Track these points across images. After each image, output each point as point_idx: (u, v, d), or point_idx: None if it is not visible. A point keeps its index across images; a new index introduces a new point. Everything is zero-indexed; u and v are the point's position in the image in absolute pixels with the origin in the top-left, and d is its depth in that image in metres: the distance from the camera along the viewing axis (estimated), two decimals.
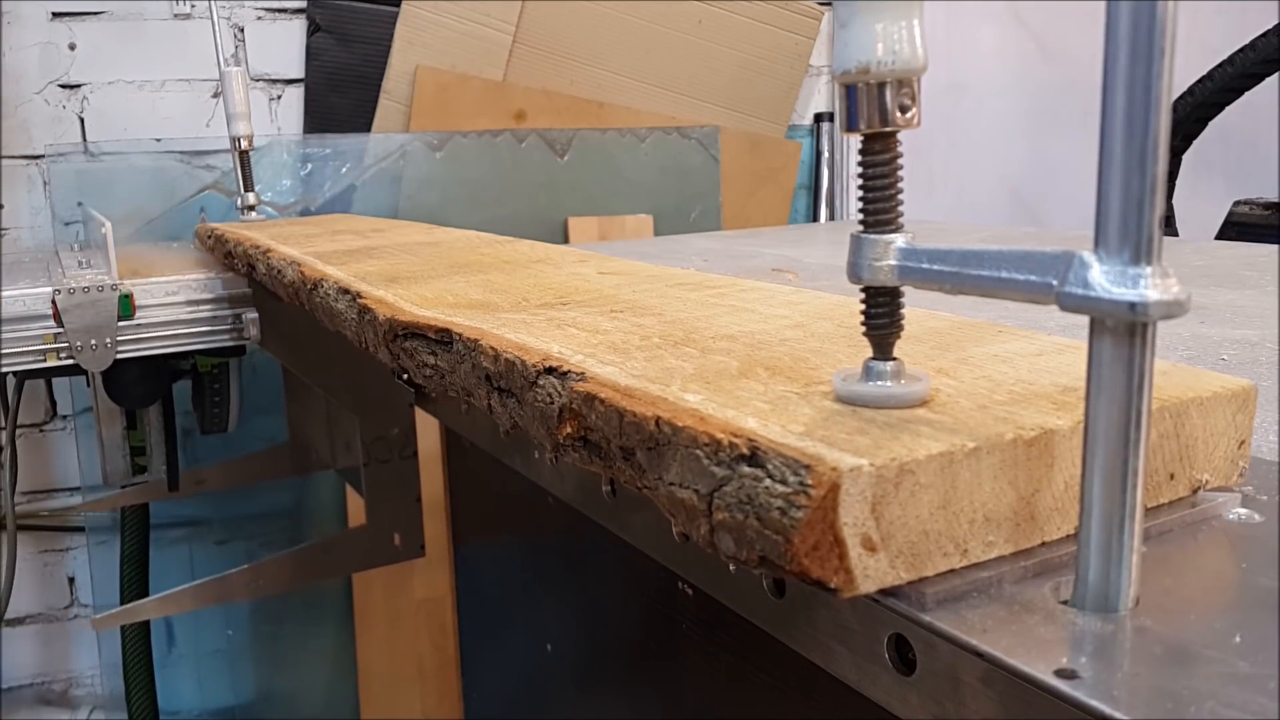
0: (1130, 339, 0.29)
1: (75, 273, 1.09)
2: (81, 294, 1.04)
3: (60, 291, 1.03)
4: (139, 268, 1.15)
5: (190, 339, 1.11)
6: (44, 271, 1.16)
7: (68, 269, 1.12)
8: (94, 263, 1.14)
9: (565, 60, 1.76)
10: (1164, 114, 0.27)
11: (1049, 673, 0.28)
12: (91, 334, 1.04)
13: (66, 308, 1.03)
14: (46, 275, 1.12)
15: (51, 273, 1.13)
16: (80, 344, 1.04)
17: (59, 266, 1.16)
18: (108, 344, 1.05)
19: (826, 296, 0.58)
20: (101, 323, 1.04)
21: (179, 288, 1.10)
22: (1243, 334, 0.71)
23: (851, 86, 0.34)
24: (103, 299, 1.04)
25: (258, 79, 1.67)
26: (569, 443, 0.41)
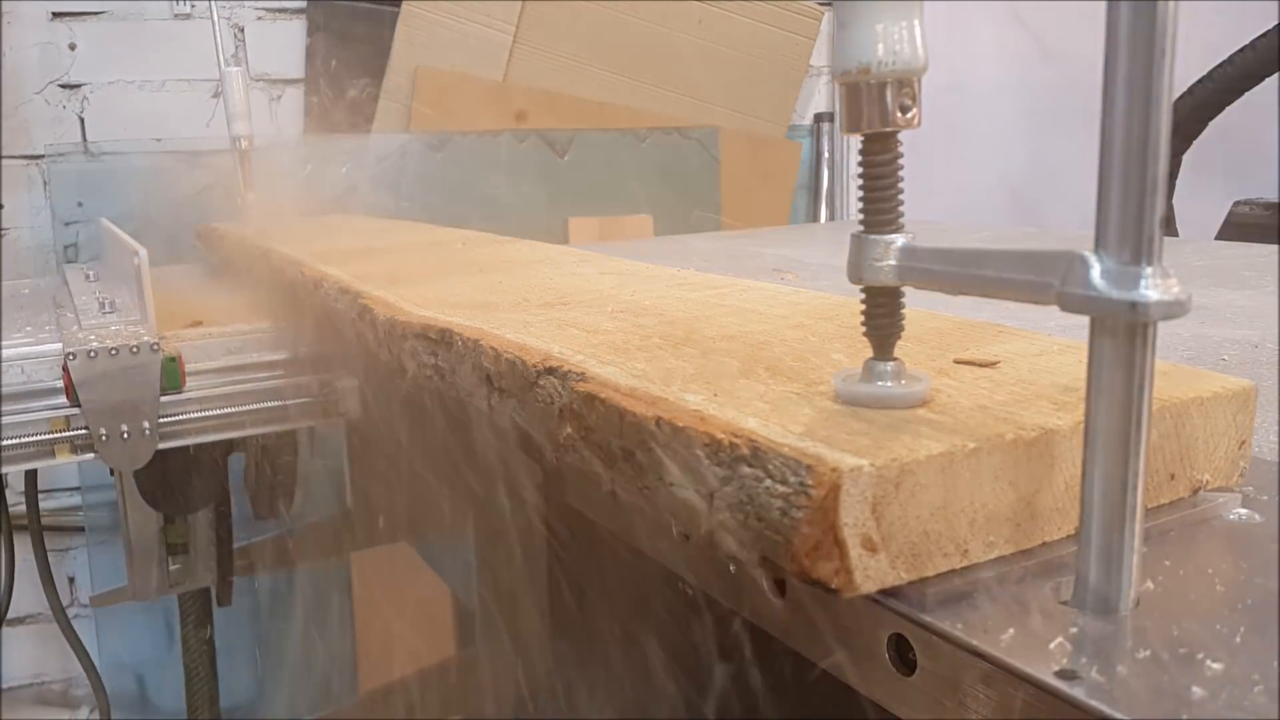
0: (1131, 339, 0.29)
1: (95, 320, 0.80)
2: (108, 357, 0.71)
3: (75, 355, 0.70)
4: (179, 309, 0.89)
5: (261, 419, 0.79)
6: (48, 311, 0.90)
7: (83, 312, 0.84)
8: (120, 305, 0.84)
9: (565, 60, 1.76)
10: (1164, 114, 0.27)
11: (1049, 673, 0.28)
12: (122, 416, 0.73)
13: (86, 378, 0.71)
14: (52, 320, 0.84)
15: (60, 318, 0.84)
16: (105, 431, 0.72)
17: (69, 306, 0.89)
18: (145, 431, 0.73)
19: (827, 297, 0.58)
20: (137, 399, 0.73)
21: (244, 343, 0.80)
22: (1243, 334, 0.71)
23: (852, 87, 0.34)
24: (138, 364, 0.72)
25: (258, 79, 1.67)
26: (569, 443, 0.41)
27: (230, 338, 0.80)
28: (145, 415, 0.74)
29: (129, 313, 0.82)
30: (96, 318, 0.82)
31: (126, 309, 0.83)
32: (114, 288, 0.95)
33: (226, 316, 0.88)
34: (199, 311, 0.89)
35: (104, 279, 1.03)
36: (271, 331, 0.82)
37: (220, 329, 0.82)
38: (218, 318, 0.87)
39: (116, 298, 0.88)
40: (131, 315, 0.82)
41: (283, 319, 0.82)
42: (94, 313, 0.83)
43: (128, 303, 0.85)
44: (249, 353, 0.81)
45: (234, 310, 0.90)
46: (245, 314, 0.88)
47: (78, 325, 0.79)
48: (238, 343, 0.80)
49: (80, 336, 0.75)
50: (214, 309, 0.91)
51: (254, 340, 0.81)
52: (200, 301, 0.97)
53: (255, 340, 0.81)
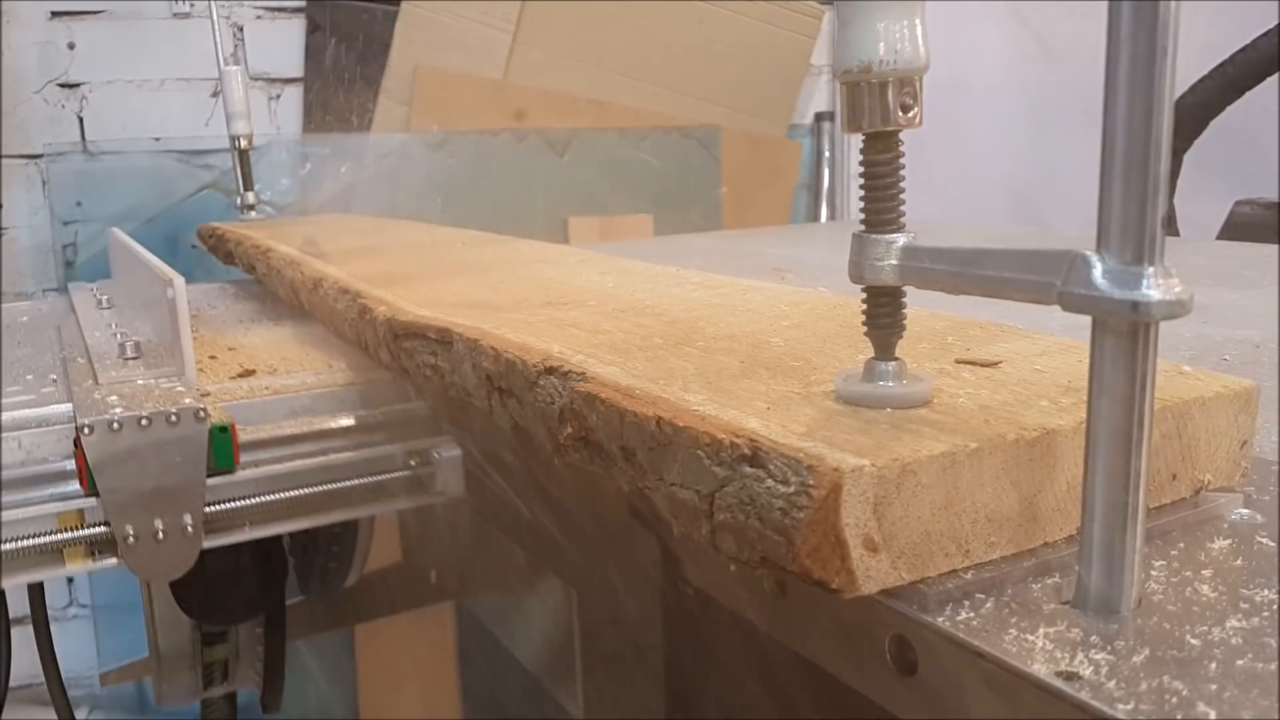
0: (1133, 339, 0.28)
1: (115, 370, 0.60)
2: (136, 429, 0.51)
3: (92, 428, 0.51)
4: (219, 349, 0.71)
5: (336, 503, 0.59)
6: (51, 349, 0.71)
7: (99, 357, 0.64)
8: (147, 347, 0.65)
9: (565, 59, 1.76)
10: (1166, 114, 0.27)
11: (1051, 674, 0.27)
12: (156, 508, 0.53)
13: (107, 458, 0.52)
14: (59, 366, 0.66)
15: (69, 364, 0.64)
16: (133, 530, 0.52)
17: (80, 345, 0.69)
18: (187, 528, 0.53)
19: (828, 296, 0.57)
20: (176, 485, 0.53)
21: (313, 400, 0.61)
22: (1245, 334, 0.71)
23: (853, 86, 0.34)
24: (178, 438, 0.52)
25: (257, 78, 1.67)
26: (570, 443, 0.41)
27: (294, 393, 0.61)
28: (187, 506, 0.53)
29: (158, 360, 0.62)
30: (116, 367, 0.61)
31: (155, 354, 0.63)
32: (134, 320, 0.76)
33: (269, 353, 0.69)
34: (243, 352, 0.71)
35: (119, 305, 0.84)
36: (347, 381, 0.63)
37: (279, 380, 0.63)
38: (261, 354, 0.69)
39: (139, 334, 0.69)
40: (162, 364, 0.61)
41: (356, 362, 0.67)
42: (113, 358, 0.63)
43: (155, 344, 0.66)
44: (320, 413, 0.60)
45: (283, 346, 0.73)
46: (300, 352, 0.70)
47: (93, 377, 0.59)
48: (305, 399, 0.60)
49: (98, 398, 0.54)
50: (261, 346, 0.74)
51: (326, 396, 0.61)
52: (236, 334, 0.80)
53: (328, 397, 0.61)
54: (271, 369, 0.66)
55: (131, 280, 0.83)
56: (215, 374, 0.65)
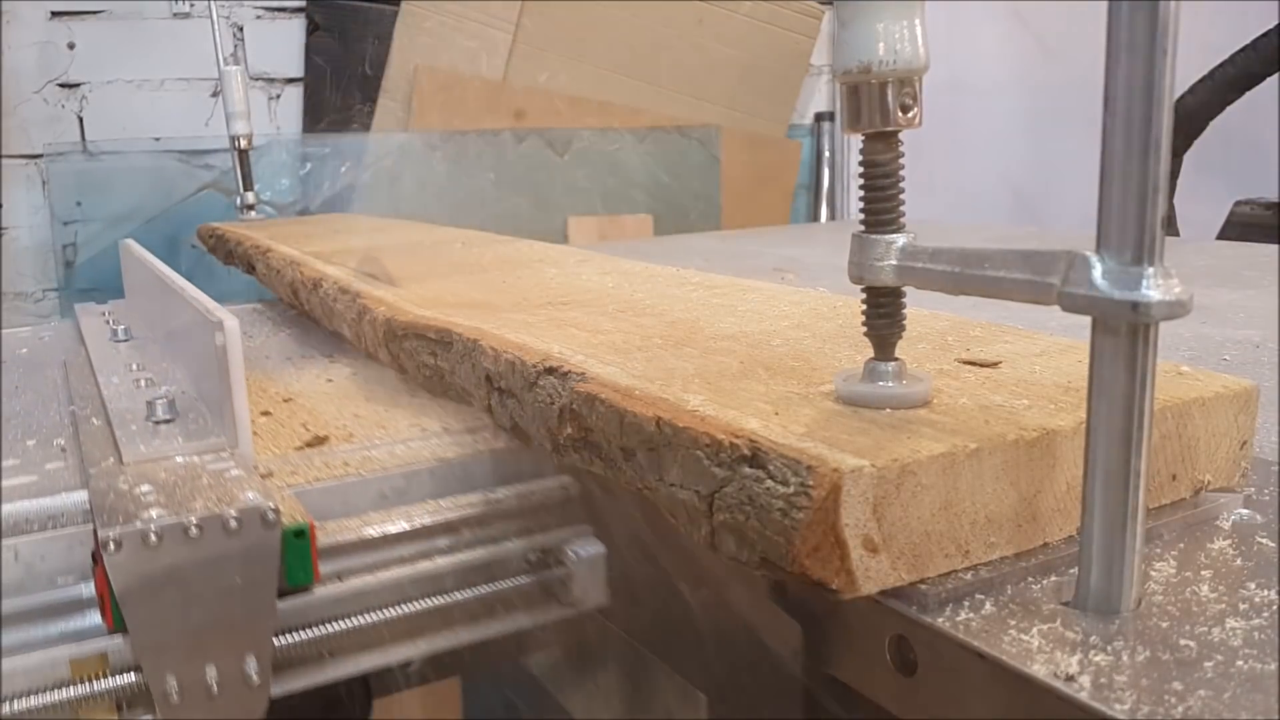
0: (1132, 339, 0.28)
1: (143, 439, 0.45)
2: (182, 541, 0.37)
3: (119, 542, 0.36)
4: (271, 399, 0.56)
5: (440, 621, 0.44)
6: (57, 402, 0.57)
7: (121, 418, 0.48)
8: (183, 404, 0.49)
9: (565, 59, 1.76)
10: (1166, 114, 0.27)
11: (1050, 674, 0.27)
12: (208, 649, 0.39)
13: (137, 585, 0.37)
14: (67, 429, 0.51)
15: (82, 427, 0.49)
16: (177, 684, 0.38)
17: (94, 397, 0.54)
18: (251, 674, 0.39)
19: (828, 296, 0.57)
20: (238, 615, 0.39)
21: (409, 480, 0.46)
22: (1245, 334, 0.71)
23: (853, 86, 0.34)
24: (239, 550, 0.38)
25: (257, 78, 1.67)
26: (569, 443, 0.41)
27: (382, 470, 0.45)
28: (251, 644, 0.39)
29: (201, 425, 0.47)
30: (145, 434, 0.46)
31: (195, 416, 0.48)
32: (161, 361, 0.61)
33: (336, 407, 0.54)
34: (301, 405, 0.55)
35: (139, 337, 0.69)
36: (447, 452, 0.47)
37: (359, 450, 0.47)
38: (325, 409, 0.53)
39: (169, 379, 0.55)
40: (206, 431, 0.46)
41: (448, 420, 0.52)
42: (139, 420, 0.47)
43: (193, 399, 0.51)
44: (417, 497, 0.45)
45: (350, 398, 0.56)
46: (375, 408, 0.54)
47: (114, 450, 0.44)
48: (397, 479, 0.45)
49: (124, 488, 0.39)
50: (322, 397, 0.57)
51: (423, 475, 0.45)
52: (287, 378, 0.63)
53: (426, 475, 0.45)
54: (346, 433, 0.50)
55: (153, 305, 0.70)
56: (274, 441, 0.49)
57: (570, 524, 0.46)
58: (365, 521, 0.43)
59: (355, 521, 0.43)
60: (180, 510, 0.38)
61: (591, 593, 0.45)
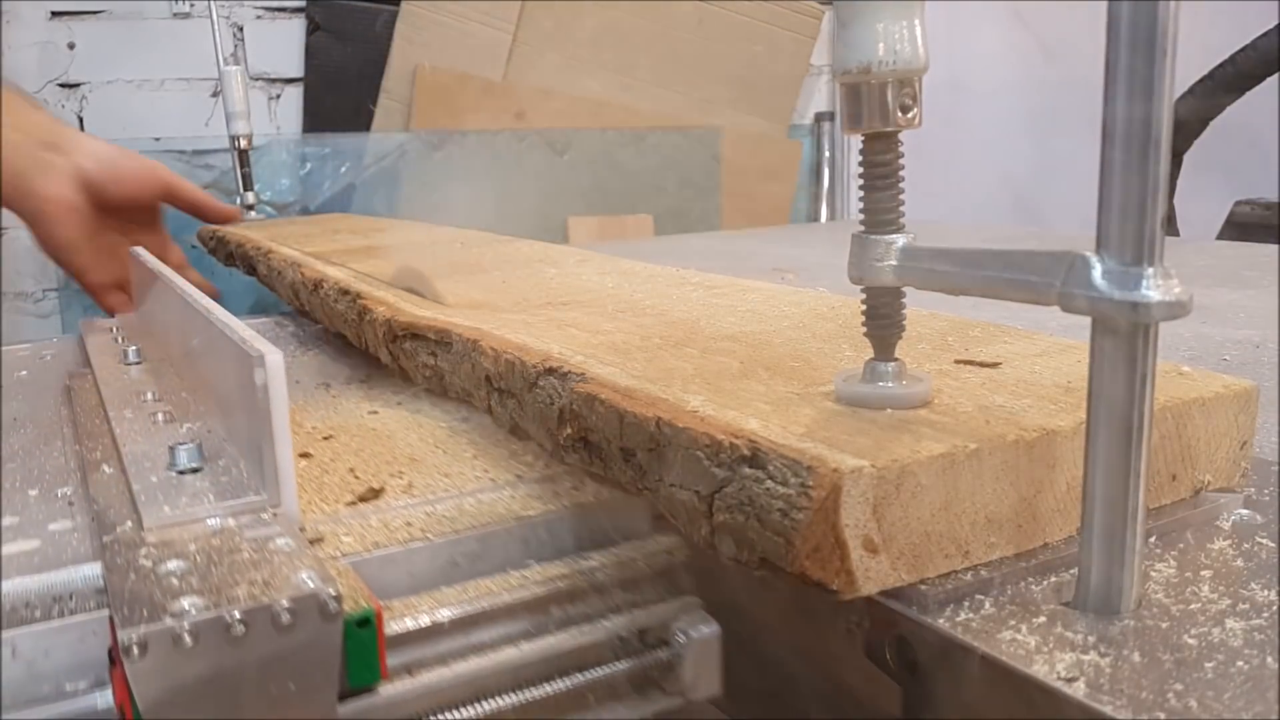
0: (1132, 340, 0.28)
1: (171, 506, 0.36)
2: (219, 640, 0.28)
3: (140, 646, 0.27)
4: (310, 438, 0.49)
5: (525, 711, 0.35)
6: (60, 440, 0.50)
7: (140, 466, 0.40)
8: (211, 448, 0.41)
9: (565, 59, 1.76)
10: (1166, 114, 0.27)
11: (1051, 675, 0.27)
12: None
13: (167, 697, 0.28)
14: (73, 477, 0.44)
15: (92, 476, 0.41)
16: None
17: (104, 435, 0.46)
18: None
19: (828, 296, 0.57)
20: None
21: (484, 544, 0.38)
22: (1245, 334, 0.71)
23: (852, 86, 0.34)
24: (293, 649, 0.30)
25: (257, 78, 1.67)
26: (569, 444, 0.41)
27: (452, 531, 0.38)
28: None
29: (235, 477, 0.38)
30: (168, 488, 0.38)
31: (227, 463, 0.40)
32: (180, 389, 0.52)
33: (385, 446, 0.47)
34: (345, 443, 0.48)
35: (152, 359, 0.62)
36: (524, 507, 0.40)
37: (421, 504, 0.40)
38: (374, 449, 0.47)
39: (191, 414, 0.47)
40: (242, 485, 0.38)
41: (517, 464, 0.44)
42: (159, 468, 0.40)
43: (222, 440, 0.43)
44: (493, 565, 0.38)
45: (401, 434, 0.50)
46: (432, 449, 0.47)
47: (131, 511, 0.37)
48: (470, 543, 0.38)
49: (145, 564, 0.32)
50: (368, 434, 0.50)
51: (500, 537, 0.38)
52: (325, 409, 0.55)
53: (503, 537, 0.38)
54: (403, 481, 0.42)
55: (168, 322, 0.62)
56: (319, 492, 0.41)
57: (677, 596, 0.38)
58: (437, 600, 0.35)
59: (426, 600, 0.35)
60: (219, 599, 0.29)
61: (703, 680, 0.37)
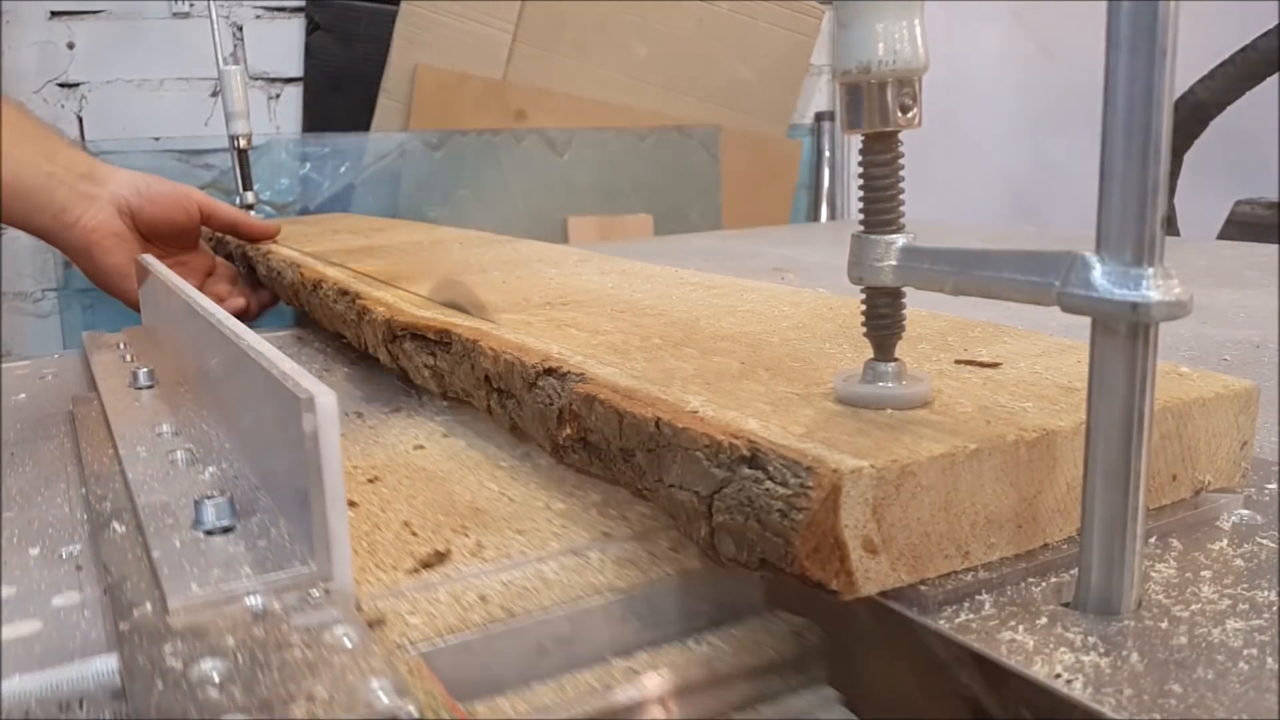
0: (1132, 340, 0.28)
1: (201, 585, 0.29)
2: None
3: None
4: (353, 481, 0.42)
5: None
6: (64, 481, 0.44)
7: (160, 524, 0.34)
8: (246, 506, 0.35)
9: (565, 59, 1.76)
10: (1165, 114, 0.27)
11: (1050, 675, 0.27)
12: None
13: None
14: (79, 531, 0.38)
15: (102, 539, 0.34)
16: None
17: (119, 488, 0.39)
18: None
19: (827, 297, 0.57)
20: None
21: (575, 623, 0.31)
22: (1245, 334, 0.71)
23: (852, 86, 0.34)
24: None
25: (256, 78, 1.67)
26: (568, 444, 0.41)
27: (538, 608, 0.32)
28: None
29: (274, 540, 0.33)
30: (194, 553, 0.32)
31: (266, 522, 0.34)
32: (202, 422, 0.47)
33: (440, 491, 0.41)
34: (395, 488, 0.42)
35: (165, 381, 0.56)
36: (628, 570, 0.34)
37: (494, 572, 0.34)
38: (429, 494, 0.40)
39: (215, 455, 0.41)
40: (284, 552, 0.32)
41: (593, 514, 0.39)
42: (183, 527, 0.34)
43: (255, 490, 0.37)
44: (586, 648, 0.31)
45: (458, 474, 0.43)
46: (497, 499, 0.40)
47: (152, 587, 0.30)
48: (559, 621, 0.31)
49: (174, 668, 0.25)
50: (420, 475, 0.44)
51: (594, 615, 0.32)
52: (366, 443, 0.49)
53: (598, 615, 0.32)
54: (469, 540, 0.36)
55: (183, 339, 0.55)
56: (373, 554, 0.34)
57: (809, 686, 0.32)
58: (530, 704, 0.28)
59: (516, 703, 0.28)
60: (266, 714, 0.23)
61: None
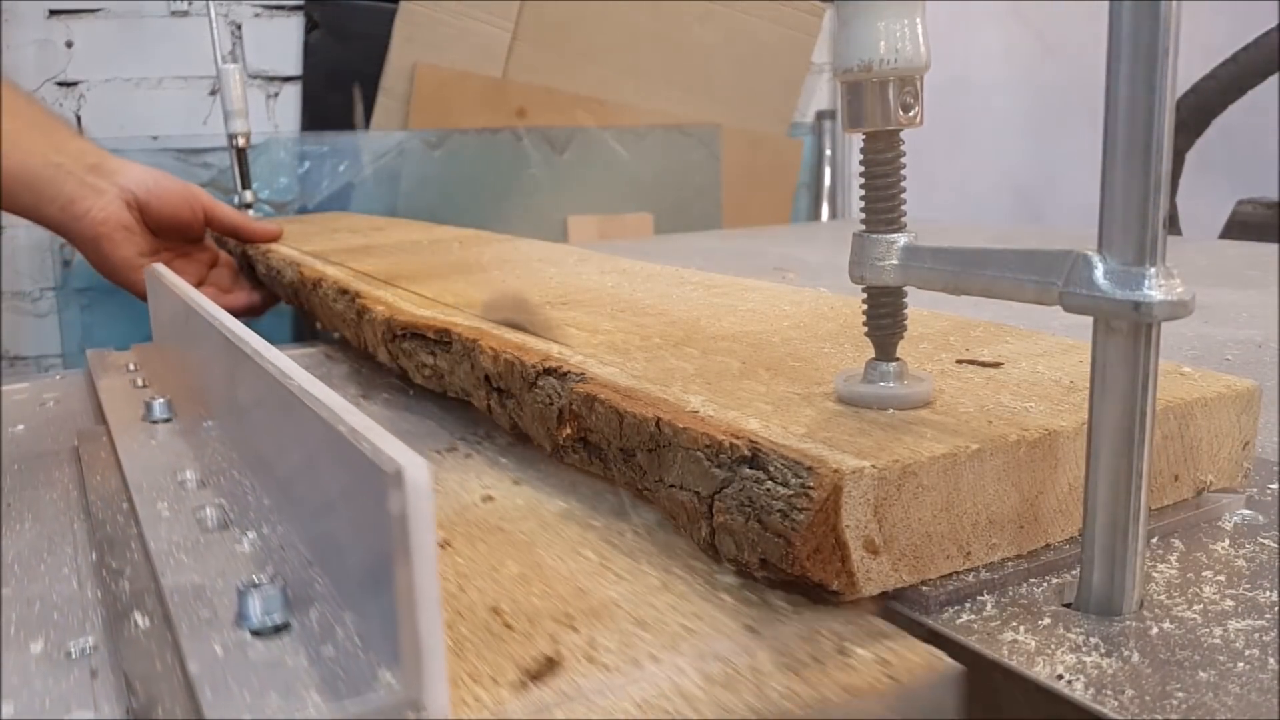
0: (1134, 340, 0.28)
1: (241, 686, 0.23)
2: None
3: None
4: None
5: None
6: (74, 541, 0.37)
7: (194, 635, 0.26)
8: (300, 594, 0.28)
9: (565, 57, 1.75)
10: (1167, 114, 0.27)
11: (1051, 676, 0.27)
12: None
13: None
14: (98, 637, 0.29)
15: (120, 630, 0.28)
16: None
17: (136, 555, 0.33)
18: None
19: (829, 296, 0.57)
20: None
21: None
22: (1247, 334, 0.71)
23: (854, 85, 0.34)
24: None
25: (255, 76, 1.66)
26: (569, 444, 0.41)
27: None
28: None
29: (339, 641, 0.26)
30: (242, 674, 0.24)
31: (322, 612, 0.27)
32: (227, 466, 0.41)
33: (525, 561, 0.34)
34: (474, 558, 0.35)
35: (181, 411, 0.50)
36: (795, 679, 0.26)
37: (625, 685, 0.26)
38: (514, 566, 0.34)
39: (252, 517, 0.35)
40: (354, 662, 0.25)
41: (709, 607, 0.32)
42: (224, 625, 0.27)
43: (308, 571, 0.31)
44: None
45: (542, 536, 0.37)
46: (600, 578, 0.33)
47: (188, 711, 0.24)
48: None
49: None
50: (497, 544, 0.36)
51: None
52: None
53: None
54: (579, 637, 0.29)
55: (205, 364, 0.47)
56: (462, 657, 0.28)
57: None
58: None
59: None
60: None
61: None
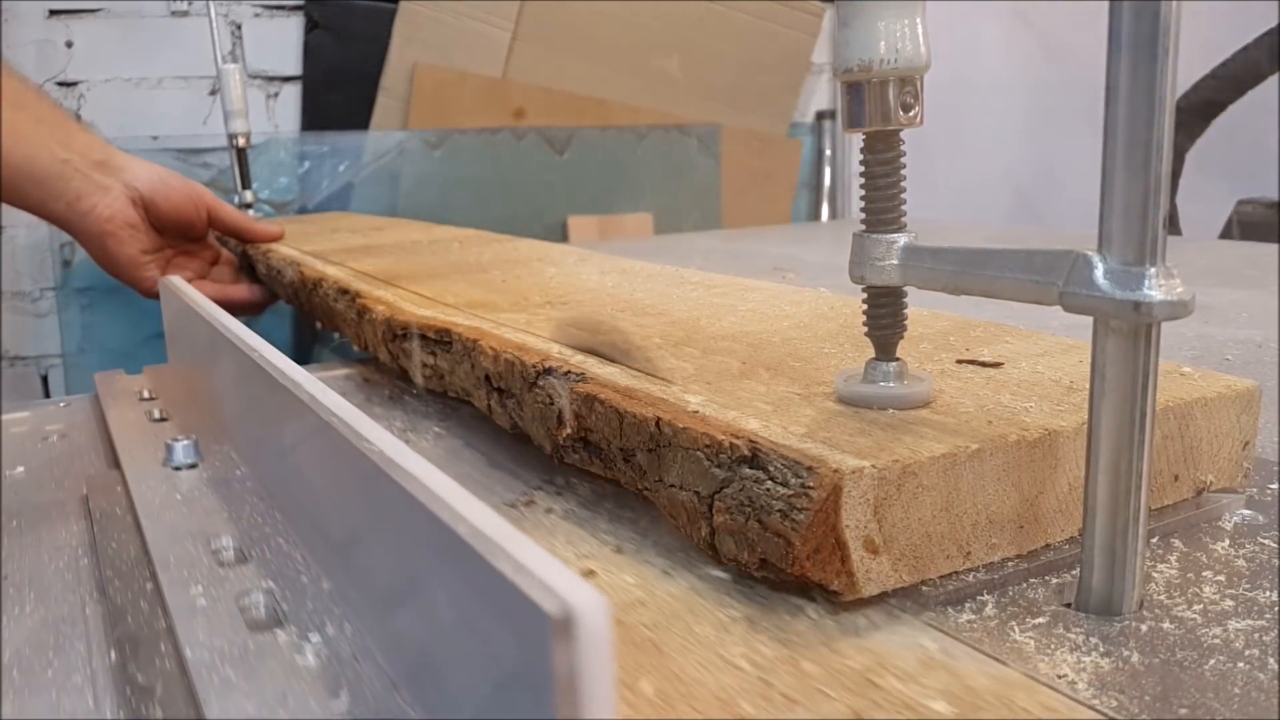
0: (1135, 340, 0.28)
1: None
2: None
3: None
4: None
5: None
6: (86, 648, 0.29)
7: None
8: None
9: (565, 57, 1.75)
10: (1167, 114, 0.27)
11: (1052, 676, 0.27)
12: None
13: None
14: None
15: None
16: None
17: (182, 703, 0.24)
18: None
19: (829, 296, 0.57)
20: None
21: None
22: (1247, 334, 0.71)
23: (854, 85, 0.34)
24: None
25: (255, 76, 1.66)
26: (569, 444, 0.41)
27: None
28: None
29: None
30: None
31: None
32: (269, 532, 0.36)
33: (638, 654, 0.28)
34: None
35: (209, 454, 0.45)
36: None
37: None
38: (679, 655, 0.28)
39: (315, 610, 0.29)
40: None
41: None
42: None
43: (395, 700, 0.23)
44: None
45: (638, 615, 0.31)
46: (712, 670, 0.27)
47: None
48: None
49: None
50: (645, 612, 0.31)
51: None
52: None
53: None
54: None
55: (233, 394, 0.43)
56: None
57: None
58: None
59: None
60: None
61: None
